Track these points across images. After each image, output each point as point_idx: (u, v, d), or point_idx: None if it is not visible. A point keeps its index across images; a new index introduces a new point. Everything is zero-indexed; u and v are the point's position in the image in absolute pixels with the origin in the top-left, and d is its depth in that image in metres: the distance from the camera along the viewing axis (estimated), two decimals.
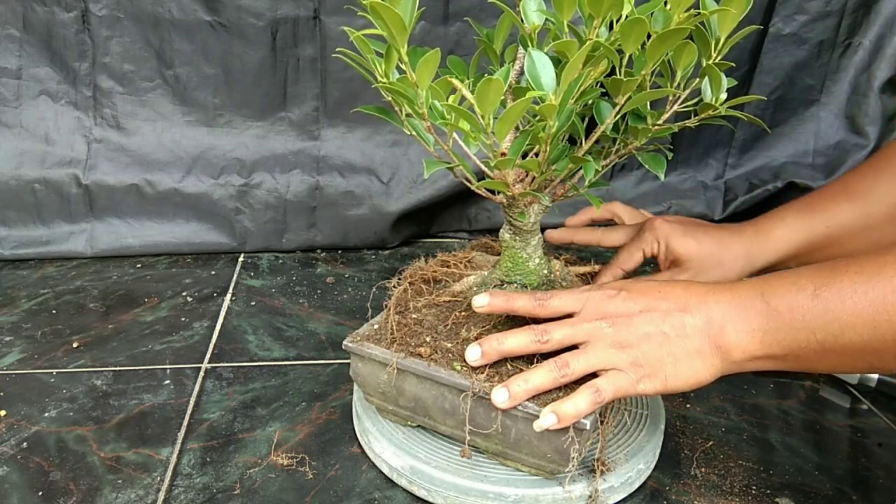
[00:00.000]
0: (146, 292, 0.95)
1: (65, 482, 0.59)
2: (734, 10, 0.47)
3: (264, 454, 0.63)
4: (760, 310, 0.50)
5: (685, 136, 1.17)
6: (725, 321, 0.51)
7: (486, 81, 0.44)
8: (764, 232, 0.67)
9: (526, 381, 0.51)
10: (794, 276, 0.51)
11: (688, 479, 0.62)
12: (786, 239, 0.66)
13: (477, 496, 0.56)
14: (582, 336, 0.52)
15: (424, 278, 0.66)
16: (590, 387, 0.51)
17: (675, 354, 0.51)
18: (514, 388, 0.51)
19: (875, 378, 0.76)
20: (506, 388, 0.51)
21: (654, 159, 0.55)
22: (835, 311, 0.47)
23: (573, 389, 0.51)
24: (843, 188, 0.68)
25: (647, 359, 0.51)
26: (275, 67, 1.04)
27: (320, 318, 0.89)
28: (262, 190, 1.07)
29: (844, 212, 0.65)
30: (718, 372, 0.52)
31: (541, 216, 0.60)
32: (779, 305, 0.49)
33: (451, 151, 0.54)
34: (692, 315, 0.51)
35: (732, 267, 0.66)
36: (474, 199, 1.17)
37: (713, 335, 0.51)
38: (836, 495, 0.61)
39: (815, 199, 0.68)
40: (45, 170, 1.02)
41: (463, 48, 1.04)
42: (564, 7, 0.48)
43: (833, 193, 0.68)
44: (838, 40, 1.12)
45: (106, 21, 0.99)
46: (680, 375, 0.51)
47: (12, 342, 0.81)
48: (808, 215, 0.66)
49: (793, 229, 0.66)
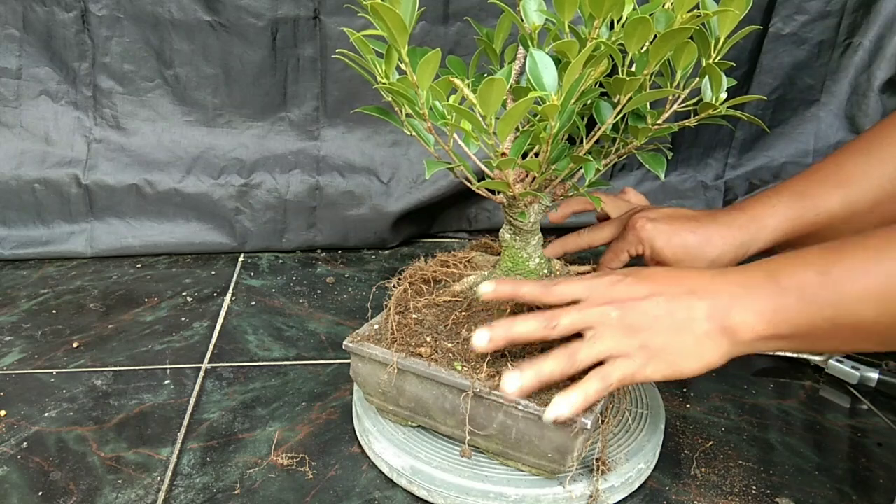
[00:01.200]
0: (146, 292, 0.95)
1: (65, 482, 0.59)
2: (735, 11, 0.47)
3: (264, 454, 0.63)
4: (769, 290, 0.50)
5: (685, 136, 1.17)
6: (733, 303, 0.50)
7: (489, 81, 0.44)
8: (756, 220, 0.66)
9: (538, 369, 0.50)
10: (801, 255, 0.51)
11: (688, 479, 0.62)
12: (776, 228, 0.65)
13: (477, 496, 0.56)
14: (589, 321, 0.51)
15: (424, 278, 0.66)
16: (597, 373, 0.50)
17: (683, 338, 0.50)
18: (527, 375, 0.50)
19: (875, 378, 0.76)
20: (518, 372, 0.50)
21: (655, 159, 0.55)
22: (843, 288, 0.47)
23: None
24: (834, 173, 0.67)
25: (654, 343, 0.50)
26: (275, 67, 1.04)
27: (320, 318, 0.89)
28: (262, 190, 1.07)
29: (834, 198, 0.65)
30: (727, 354, 0.51)
31: (541, 216, 0.60)
32: (787, 284, 0.49)
33: (452, 151, 0.54)
34: (699, 298, 0.51)
35: (721, 259, 0.65)
36: (474, 199, 1.17)
37: (721, 317, 0.50)
38: (836, 495, 0.61)
39: (805, 185, 0.67)
40: (45, 170, 1.02)
41: (463, 48, 1.04)
42: (565, 7, 0.48)
43: (823, 177, 0.67)
44: (838, 40, 1.13)
45: (106, 21, 0.99)
46: (688, 359, 0.51)
47: (12, 342, 0.81)
48: (799, 203, 0.66)
49: (783, 217, 0.65)
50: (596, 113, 0.54)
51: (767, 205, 0.67)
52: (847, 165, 0.66)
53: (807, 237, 0.65)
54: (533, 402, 0.51)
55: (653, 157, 0.55)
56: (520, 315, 0.53)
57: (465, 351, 0.56)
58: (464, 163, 0.55)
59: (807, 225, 0.65)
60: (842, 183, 0.65)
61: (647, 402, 0.67)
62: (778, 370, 0.81)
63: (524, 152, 0.52)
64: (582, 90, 0.48)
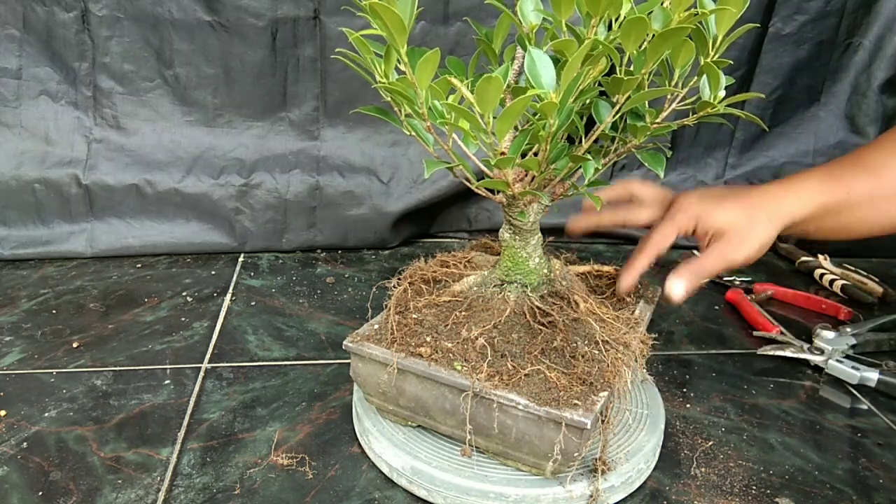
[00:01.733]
0: (146, 292, 0.95)
1: (65, 482, 0.59)
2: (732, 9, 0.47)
3: (264, 454, 0.63)
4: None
5: (685, 135, 1.17)
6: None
7: (486, 80, 0.44)
8: (791, 193, 0.71)
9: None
10: None
11: (688, 479, 0.61)
12: (809, 201, 0.70)
13: (477, 496, 0.56)
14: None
15: (424, 278, 0.66)
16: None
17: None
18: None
19: (875, 378, 0.76)
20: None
21: (654, 157, 0.55)
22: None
23: None
24: (860, 160, 0.73)
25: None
26: (275, 67, 1.04)
27: (320, 318, 0.89)
28: (262, 190, 1.07)
29: (860, 181, 0.71)
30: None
31: (540, 215, 0.60)
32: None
33: (451, 151, 0.54)
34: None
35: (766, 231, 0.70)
36: (474, 199, 1.17)
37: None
38: (836, 495, 0.61)
39: (835, 168, 0.73)
40: (45, 170, 1.02)
41: (463, 48, 1.05)
42: (563, 6, 0.48)
43: (852, 163, 0.73)
44: (838, 40, 1.12)
45: (106, 21, 0.99)
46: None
47: (12, 342, 0.81)
48: (831, 182, 0.71)
49: (816, 192, 0.70)
50: (595, 112, 0.54)
51: (801, 181, 0.72)
52: (876, 154, 0.73)
53: (834, 214, 0.71)
54: (533, 402, 0.51)
55: (652, 156, 0.55)
56: None
57: (465, 351, 0.56)
58: (463, 162, 0.55)
59: (837, 203, 0.70)
60: (868, 170, 0.71)
61: (647, 402, 0.67)
62: (778, 370, 0.81)
63: (523, 152, 0.52)
64: (580, 89, 0.48)
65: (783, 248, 1.17)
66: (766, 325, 0.89)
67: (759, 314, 0.92)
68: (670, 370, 0.80)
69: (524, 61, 0.48)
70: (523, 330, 0.57)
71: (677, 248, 1.18)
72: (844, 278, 1.04)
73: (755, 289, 1.02)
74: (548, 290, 0.61)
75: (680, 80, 0.51)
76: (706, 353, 0.84)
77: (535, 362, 0.54)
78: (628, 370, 0.55)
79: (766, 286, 1.02)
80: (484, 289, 0.62)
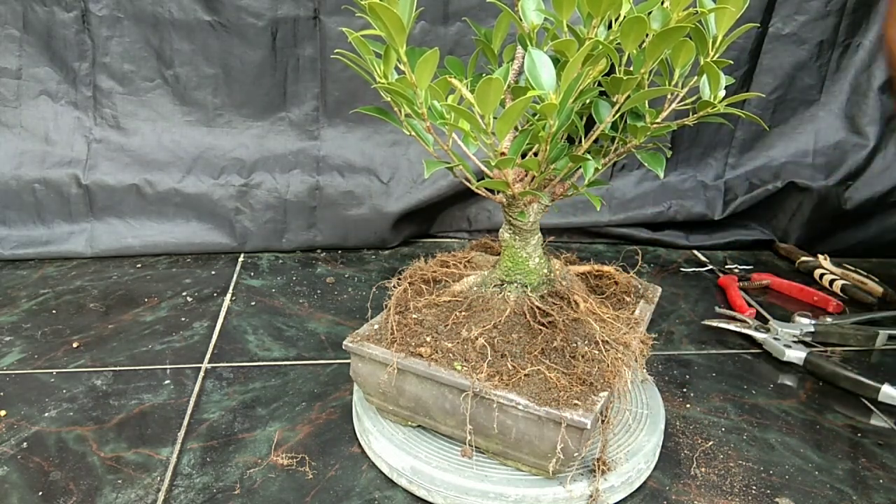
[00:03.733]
0: (146, 292, 0.95)
1: (65, 482, 0.59)
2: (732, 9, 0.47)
3: (264, 454, 0.63)
4: None
5: (685, 135, 1.17)
6: None
7: (487, 81, 0.44)
8: None
9: None
10: None
11: (688, 479, 0.61)
12: None
13: (477, 496, 0.56)
14: None
15: (424, 278, 0.66)
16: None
17: None
18: None
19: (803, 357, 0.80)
20: None
21: (654, 157, 0.55)
22: None
23: None
24: None
25: None
26: (275, 67, 1.04)
27: (320, 318, 0.89)
28: (262, 190, 1.07)
29: None
30: None
31: (540, 215, 0.60)
32: None
33: (451, 151, 0.54)
34: None
35: None
36: (474, 199, 1.17)
37: None
38: (836, 495, 0.61)
39: None
40: (45, 170, 1.02)
41: (462, 48, 1.05)
42: (564, 6, 0.48)
43: None
44: (838, 40, 1.12)
45: (106, 21, 0.99)
46: None
47: (12, 342, 0.81)
48: None
49: None
50: (595, 112, 0.54)
51: None
52: None
53: None
54: (533, 402, 0.51)
55: (652, 156, 0.55)
56: None
57: (465, 351, 0.56)
58: (463, 162, 0.55)
59: None
60: None
61: (647, 402, 0.67)
62: (778, 370, 0.81)
63: (523, 152, 0.52)
64: (580, 89, 0.48)
65: (783, 248, 1.17)
66: (742, 308, 0.94)
67: (741, 298, 0.96)
68: (670, 370, 0.80)
69: (524, 61, 0.48)
70: (523, 330, 0.57)
71: (677, 248, 1.19)
72: (844, 278, 1.04)
73: (752, 277, 1.04)
74: (548, 290, 0.61)
75: (680, 80, 0.51)
76: (706, 353, 0.85)
77: (535, 362, 0.54)
78: (628, 370, 0.55)
79: (763, 276, 1.06)
80: (484, 289, 0.62)
